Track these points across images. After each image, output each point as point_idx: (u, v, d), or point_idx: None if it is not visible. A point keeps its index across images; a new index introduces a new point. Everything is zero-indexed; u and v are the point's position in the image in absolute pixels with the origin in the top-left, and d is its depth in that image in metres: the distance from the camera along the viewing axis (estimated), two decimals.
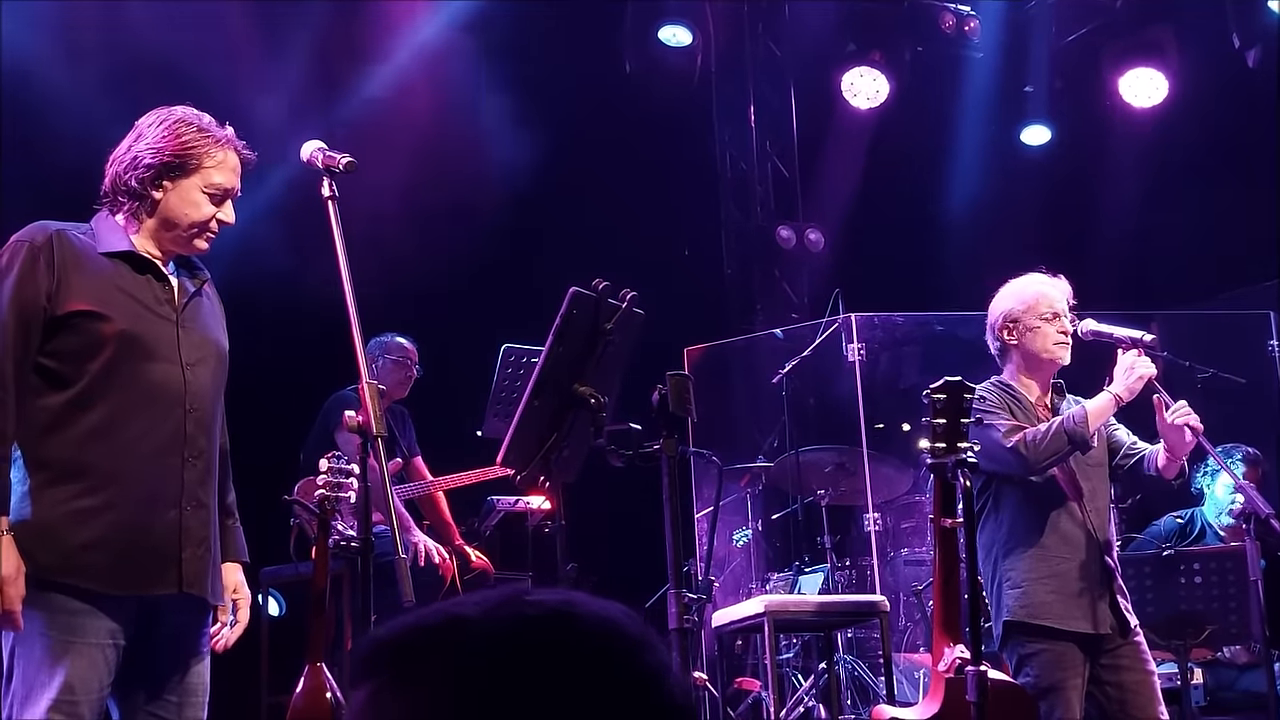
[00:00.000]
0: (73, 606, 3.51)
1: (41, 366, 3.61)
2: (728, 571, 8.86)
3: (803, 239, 10.54)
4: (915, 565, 8.19)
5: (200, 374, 3.76)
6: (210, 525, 3.76)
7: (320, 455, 5.50)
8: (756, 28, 10.65)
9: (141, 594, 3.60)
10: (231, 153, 3.85)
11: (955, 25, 10.15)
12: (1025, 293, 5.25)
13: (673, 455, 3.85)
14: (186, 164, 3.77)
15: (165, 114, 3.84)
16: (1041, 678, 4.91)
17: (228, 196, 3.84)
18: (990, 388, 5.17)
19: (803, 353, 8.52)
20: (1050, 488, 5.05)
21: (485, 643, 1.31)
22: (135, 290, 3.72)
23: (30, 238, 3.67)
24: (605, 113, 9.57)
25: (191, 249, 3.86)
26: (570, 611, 1.35)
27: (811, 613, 6.71)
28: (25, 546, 3.50)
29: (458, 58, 9.06)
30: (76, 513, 3.54)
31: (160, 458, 3.65)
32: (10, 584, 3.45)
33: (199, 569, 3.69)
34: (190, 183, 3.78)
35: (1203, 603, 5.71)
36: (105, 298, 3.65)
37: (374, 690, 1.33)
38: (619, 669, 1.34)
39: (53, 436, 3.58)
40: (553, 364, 3.81)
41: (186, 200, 3.78)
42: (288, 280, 7.37)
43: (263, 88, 7.96)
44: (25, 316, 3.59)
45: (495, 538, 8.07)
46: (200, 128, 3.82)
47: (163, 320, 3.73)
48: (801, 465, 8.25)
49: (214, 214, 3.82)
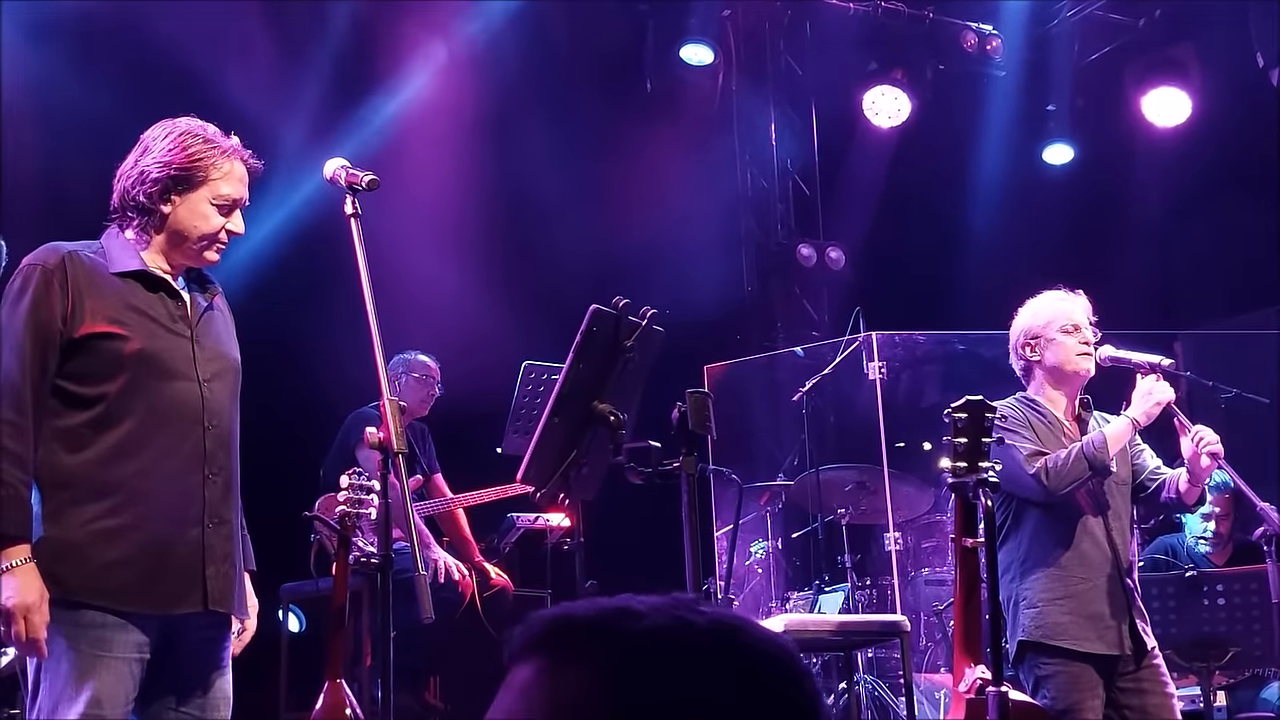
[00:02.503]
0: (100, 621, 3.51)
1: (60, 388, 3.61)
2: (748, 590, 8.84)
3: (824, 257, 10.53)
4: (936, 585, 8.16)
5: (217, 389, 3.76)
6: (233, 540, 3.76)
7: (341, 472, 5.51)
8: (778, 46, 10.65)
9: (168, 613, 3.61)
10: (238, 163, 3.84)
11: (977, 44, 10.14)
12: (1044, 309, 5.25)
13: (692, 473, 3.84)
14: (194, 176, 3.76)
15: (170, 126, 3.82)
16: (1058, 699, 4.88)
17: (236, 207, 3.83)
18: (1014, 404, 5.16)
19: (823, 371, 8.50)
20: (1072, 508, 5.03)
21: (649, 638, 1.33)
22: (149, 308, 3.72)
23: (42, 261, 3.67)
24: (627, 131, 9.57)
25: (202, 261, 3.85)
26: (738, 627, 1.37)
27: (832, 632, 6.69)
28: (50, 568, 3.50)
29: (478, 77, 9.08)
30: (100, 533, 3.54)
31: (181, 475, 3.65)
32: (35, 611, 3.45)
33: (223, 585, 3.70)
34: (198, 195, 3.77)
35: (1225, 624, 5.68)
36: (120, 317, 3.65)
37: (536, 668, 1.35)
38: (776, 694, 1.36)
39: (73, 457, 3.58)
40: (572, 381, 3.81)
41: (195, 213, 3.77)
42: (311, 297, 7.40)
43: (288, 105, 8.01)
44: (42, 340, 3.58)
45: (515, 555, 8.08)
46: (206, 139, 3.81)
47: (178, 337, 3.74)
48: (822, 483, 8.23)
49: (223, 225, 3.81)
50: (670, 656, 1.32)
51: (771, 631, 1.39)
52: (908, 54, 10.26)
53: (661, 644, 1.32)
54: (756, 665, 1.35)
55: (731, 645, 1.35)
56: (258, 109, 7.61)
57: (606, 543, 5.10)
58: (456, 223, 8.78)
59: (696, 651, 1.32)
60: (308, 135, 7.94)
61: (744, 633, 1.36)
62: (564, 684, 1.32)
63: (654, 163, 9.63)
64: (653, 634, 1.33)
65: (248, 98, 7.58)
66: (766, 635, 1.38)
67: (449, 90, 8.97)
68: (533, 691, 1.34)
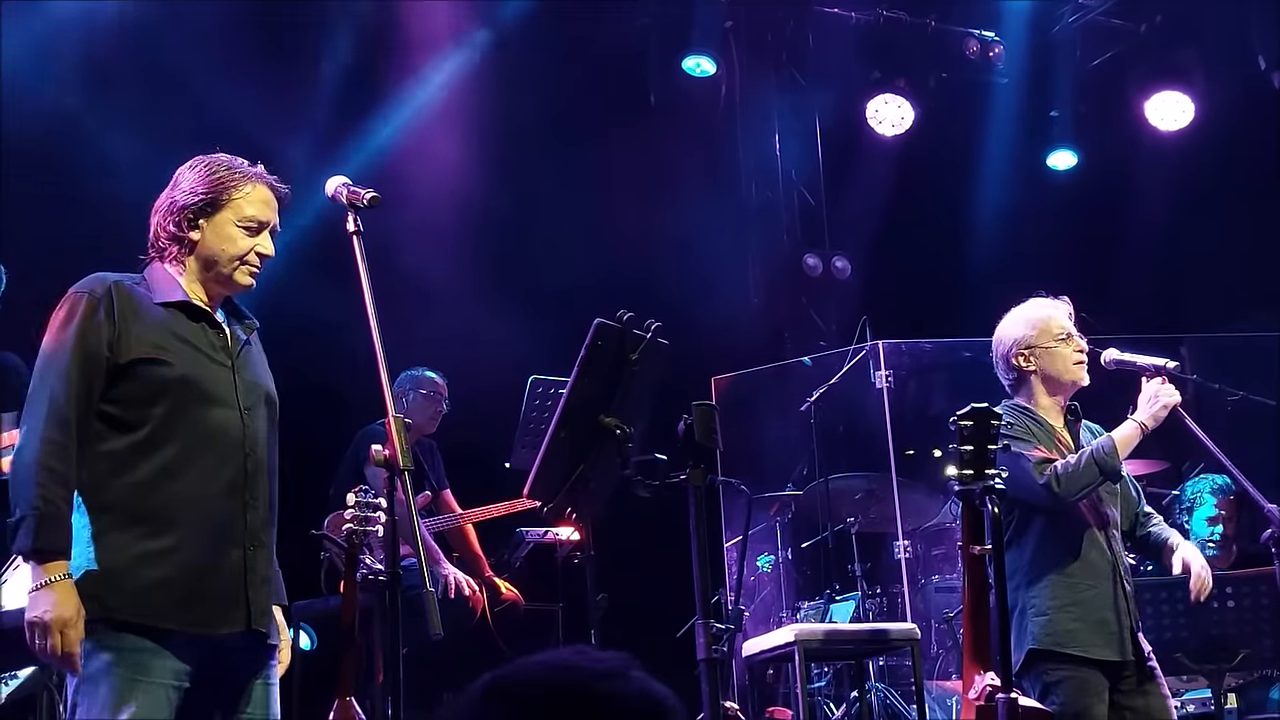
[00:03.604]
0: (141, 645, 3.55)
1: (104, 413, 3.68)
2: (758, 600, 8.85)
3: (829, 267, 10.55)
4: (946, 592, 8.15)
5: (256, 418, 3.84)
6: (271, 565, 3.84)
7: (349, 489, 5.52)
8: (780, 56, 10.66)
9: (211, 633, 3.65)
10: (261, 186, 3.92)
11: (980, 51, 10.16)
12: (1033, 317, 5.23)
13: (699, 485, 3.86)
14: (218, 200, 3.85)
15: (199, 160, 3.94)
16: (1068, 705, 4.87)
17: (264, 229, 3.91)
18: (1012, 411, 5.14)
19: (831, 380, 8.50)
20: (1076, 515, 5.02)
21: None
22: (192, 337, 3.80)
23: (89, 289, 3.76)
24: (631, 144, 9.59)
25: (235, 286, 3.93)
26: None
27: (843, 641, 6.70)
28: (93, 590, 3.54)
29: (482, 93, 9.10)
30: (144, 555, 3.60)
31: (223, 499, 3.71)
32: (70, 626, 3.49)
33: (264, 606, 3.77)
34: (223, 218, 3.86)
35: (1235, 626, 5.68)
36: (164, 344, 3.74)
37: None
38: None
39: (117, 480, 3.65)
40: (578, 395, 3.83)
41: (221, 236, 3.86)
42: (317, 315, 7.42)
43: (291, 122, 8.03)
44: (88, 366, 3.66)
45: (525, 569, 8.08)
46: (229, 166, 3.91)
47: (219, 366, 3.81)
48: (831, 493, 8.23)
49: (252, 246, 3.89)
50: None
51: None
52: (910, 62, 10.28)
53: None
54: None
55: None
56: (261, 126, 7.65)
57: (616, 556, 5.10)
58: (462, 238, 8.81)
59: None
60: (311, 152, 7.97)
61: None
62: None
63: (658, 175, 9.65)
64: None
65: (251, 115, 7.62)
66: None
67: (453, 106, 9.00)
68: None
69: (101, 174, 7.39)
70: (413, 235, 8.01)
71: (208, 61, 7.93)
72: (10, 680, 5.44)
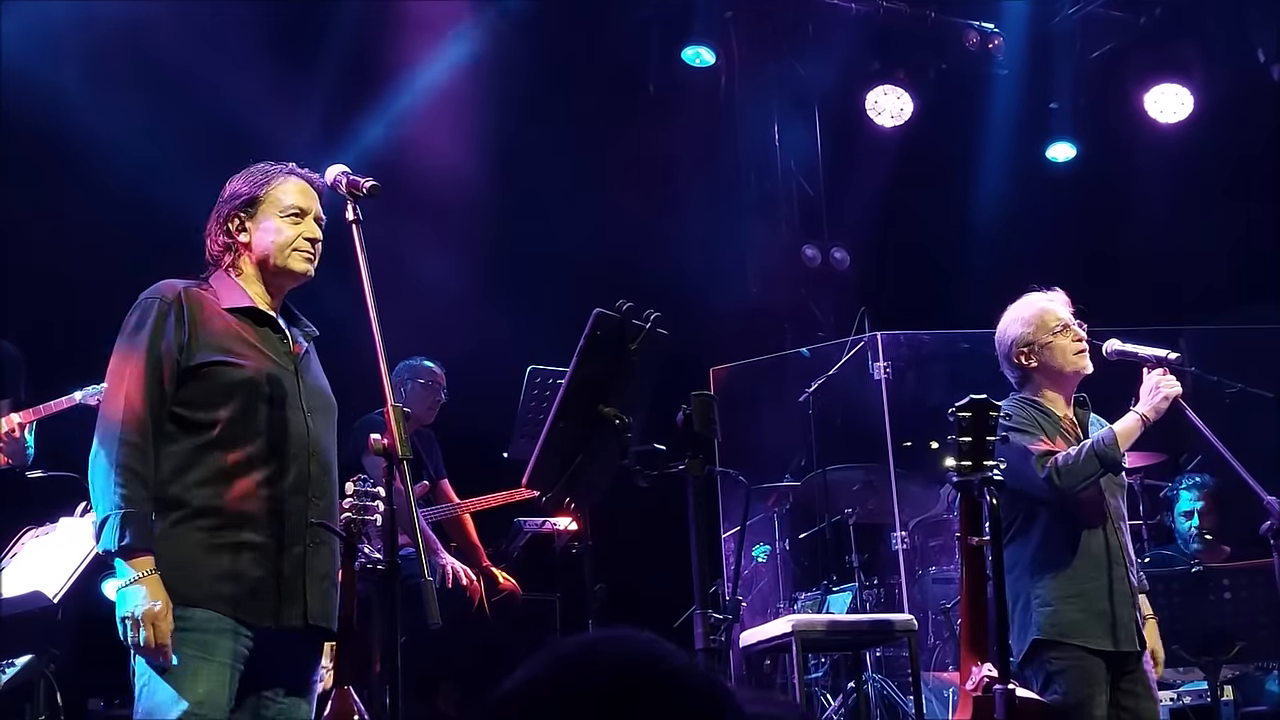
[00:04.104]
0: (207, 625, 3.70)
1: (176, 414, 3.84)
2: (755, 591, 8.85)
3: (828, 258, 10.54)
4: (944, 583, 8.16)
5: (319, 421, 4.00)
6: (332, 561, 3.98)
7: (347, 479, 5.51)
8: (780, 47, 10.64)
9: (271, 625, 3.78)
10: (295, 179, 4.10)
11: (979, 43, 10.15)
12: (1027, 313, 5.24)
13: (698, 475, 3.86)
14: (256, 198, 4.03)
15: (236, 174, 4.13)
16: (1070, 693, 4.88)
17: (306, 215, 4.06)
18: (1018, 404, 5.15)
19: (829, 371, 8.51)
20: (1081, 507, 5.03)
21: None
22: (259, 341, 3.96)
23: (160, 294, 3.93)
24: (630, 134, 9.58)
25: (294, 275, 4.07)
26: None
27: (840, 632, 6.70)
28: (164, 580, 3.68)
29: (480, 83, 9.09)
30: (211, 549, 3.75)
31: (287, 498, 3.86)
32: (161, 619, 3.63)
33: (322, 603, 3.90)
34: (263, 212, 4.04)
35: (1232, 618, 5.69)
36: (233, 348, 3.89)
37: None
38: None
39: (186, 478, 3.80)
40: (577, 386, 3.82)
41: (266, 230, 4.03)
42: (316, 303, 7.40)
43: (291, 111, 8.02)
44: (160, 368, 3.82)
45: (523, 559, 8.08)
46: (263, 169, 4.11)
47: (285, 370, 3.97)
48: (829, 484, 8.24)
49: (299, 233, 4.04)
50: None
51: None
52: (910, 53, 10.28)
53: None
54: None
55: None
56: (260, 114, 7.65)
57: (614, 546, 5.11)
58: (460, 228, 8.80)
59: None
60: (311, 141, 7.95)
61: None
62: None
63: (657, 165, 9.65)
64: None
65: (250, 103, 7.62)
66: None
67: (451, 95, 8.98)
68: None
69: (100, 165, 7.39)
70: (412, 224, 7.99)
71: (206, 51, 7.92)
72: (8, 668, 5.45)
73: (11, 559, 5.42)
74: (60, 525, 5.44)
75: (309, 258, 4.06)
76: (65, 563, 5.29)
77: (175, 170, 6.99)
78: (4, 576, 5.32)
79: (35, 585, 5.28)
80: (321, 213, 4.11)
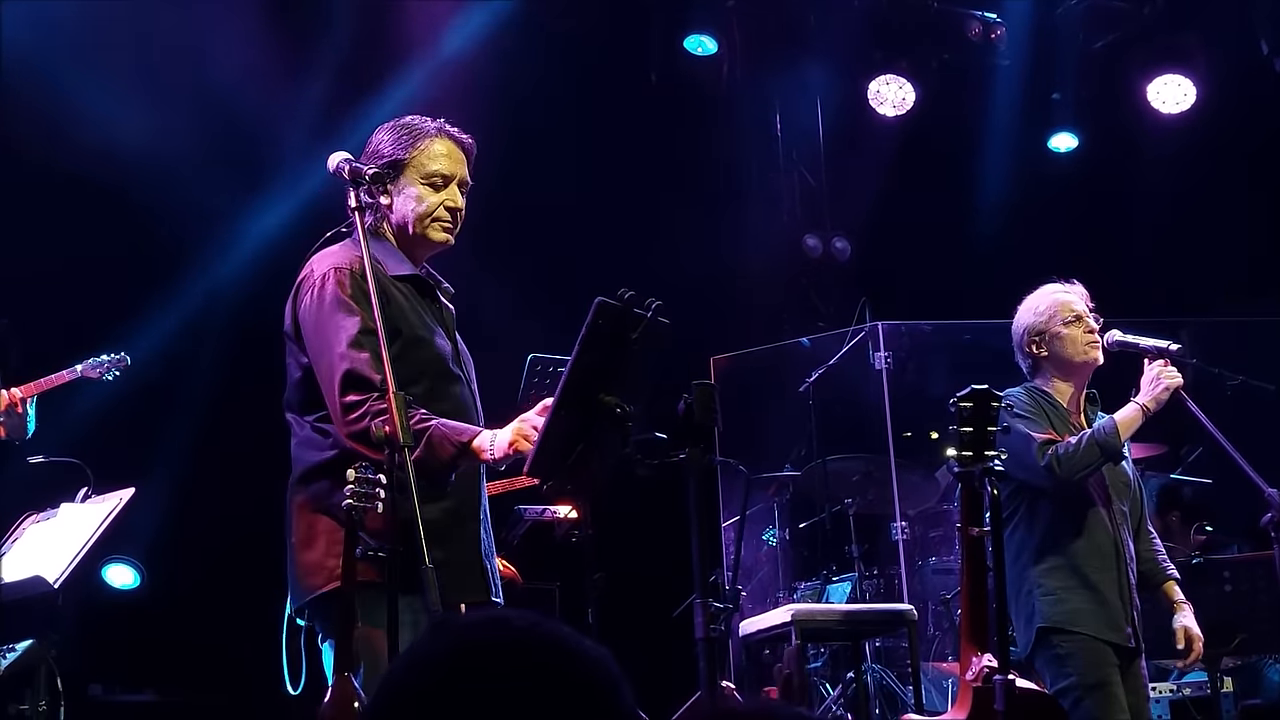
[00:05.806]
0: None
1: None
2: (755, 580, 8.86)
3: (829, 247, 10.54)
4: (943, 574, 8.17)
5: (475, 391, 3.99)
6: (492, 538, 4.00)
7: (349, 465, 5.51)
8: (782, 36, 10.61)
9: (460, 602, 3.77)
10: (443, 139, 3.98)
11: (982, 33, 10.12)
12: (1041, 304, 5.26)
13: (698, 465, 3.85)
14: (399, 161, 3.92)
15: (384, 125, 4.01)
16: (1086, 674, 4.87)
17: (451, 182, 3.97)
18: (1024, 393, 5.17)
19: (830, 361, 8.51)
20: (1084, 498, 5.04)
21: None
22: (427, 313, 3.92)
23: (347, 264, 3.79)
24: (630, 123, 9.57)
25: (432, 245, 4.03)
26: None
27: (839, 622, 6.71)
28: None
29: (481, 72, 9.07)
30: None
31: (470, 474, 3.87)
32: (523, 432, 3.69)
33: (496, 578, 3.95)
34: (406, 178, 3.94)
35: (1233, 610, 5.70)
36: (414, 320, 3.84)
37: None
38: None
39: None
40: (578, 374, 3.82)
41: (408, 196, 3.94)
42: None
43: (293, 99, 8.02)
44: (372, 334, 3.65)
45: (523, 547, 8.07)
46: (406, 124, 3.97)
47: (449, 342, 3.96)
48: (829, 474, 8.24)
49: (440, 201, 3.97)
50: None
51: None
52: (912, 43, 10.24)
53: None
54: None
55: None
56: (263, 102, 7.64)
57: (614, 535, 5.10)
58: None
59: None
60: (313, 130, 7.94)
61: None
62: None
63: (657, 154, 9.64)
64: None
65: (253, 92, 7.61)
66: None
67: (453, 84, 8.97)
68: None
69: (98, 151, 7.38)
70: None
71: (209, 35, 7.91)
72: (8, 653, 5.45)
73: (12, 544, 5.43)
74: (61, 510, 5.44)
75: (448, 227, 3.99)
76: (66, 548, 5.29)
77: (175, 150, 7.00)
78: (5, 561, 5.31)
79: (36, 570, 5.29)
80: (468, 176, 4.00)
